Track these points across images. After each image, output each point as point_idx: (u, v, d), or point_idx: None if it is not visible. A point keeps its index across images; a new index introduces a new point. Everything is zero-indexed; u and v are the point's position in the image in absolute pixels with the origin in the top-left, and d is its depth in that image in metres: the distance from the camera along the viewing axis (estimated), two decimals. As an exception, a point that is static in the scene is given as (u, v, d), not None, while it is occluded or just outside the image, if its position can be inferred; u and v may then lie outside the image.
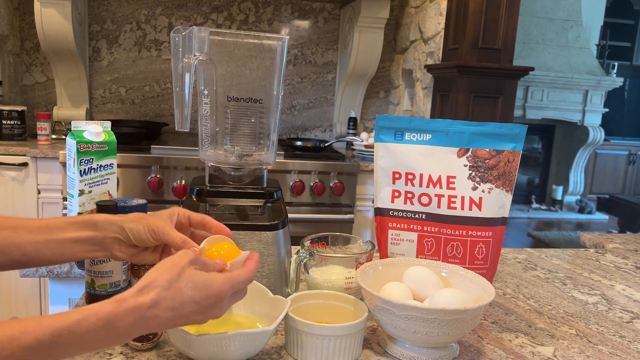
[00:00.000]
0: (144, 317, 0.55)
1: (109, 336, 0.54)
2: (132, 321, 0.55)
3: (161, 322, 0.57)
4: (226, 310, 0.62)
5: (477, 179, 0.87)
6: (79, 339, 0.53)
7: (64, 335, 0.52)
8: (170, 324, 0.58)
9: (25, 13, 2.76)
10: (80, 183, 0.87)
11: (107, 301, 0.55)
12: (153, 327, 0.57)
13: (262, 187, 0.92)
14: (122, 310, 0.55)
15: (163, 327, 0.58)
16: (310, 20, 3.03)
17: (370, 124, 3.18)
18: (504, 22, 2.22)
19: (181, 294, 0.58)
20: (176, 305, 0.57)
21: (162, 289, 0.57)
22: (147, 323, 0.56)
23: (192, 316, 0.59)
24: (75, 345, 0.53)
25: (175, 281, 0.58)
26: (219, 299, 0.60)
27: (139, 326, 0.56)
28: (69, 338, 0.52)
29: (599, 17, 6.77)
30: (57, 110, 2.75)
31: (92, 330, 0.53)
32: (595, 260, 1.28)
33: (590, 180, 7.04)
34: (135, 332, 0.56)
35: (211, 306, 0.60)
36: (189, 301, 0.58)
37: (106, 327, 0.54)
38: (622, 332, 0.87)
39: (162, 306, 0.56)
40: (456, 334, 0.69)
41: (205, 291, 0.59)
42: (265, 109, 0.90)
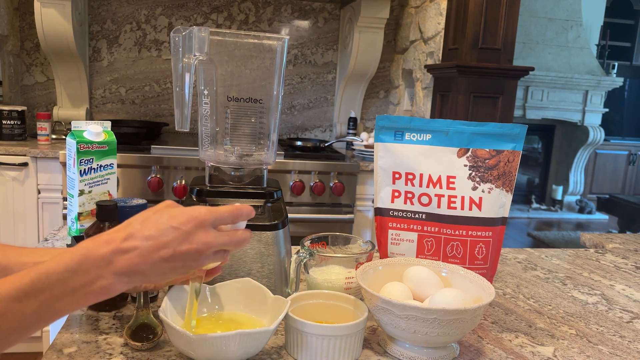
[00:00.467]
0: (120, 249, 0.53)
1: (90, 273, 0.52)
2: (109, 253, 0.52)
3: (143, 253, 0.53)
4: (215, 239, 0.57)
5: (477, 179, 0.87)
6: (58, 278, 0.51)
7: (41, 278, 0.50)
8: (156, 256, 0.54)
9: (25, 13, 2.76)
10: (80, 183, 0.87)
11: (82, 241, 0.54)
12: (137, 261, 0.53)
13: (262, 187, 0.92)
14: (96, 242, 0.53)
15: (147, 258, 0.54)
16: (310, 20, 3.03)
17: (370, 124, 3.18)
18: (504, 22, 2.22)
19: (157, 223, 0.55)
20: (153, 233, 0.54)
21: (137, 223, 0.55)
22: (127, 256, 0.53)
23: (175, 244, 0.54)
24: (58, 288, 0.50)
25: (150, 217, 0.56)
26: (200, 222, 0.56)
27: (120, 260, 0.53)
28: (48, 280, 0.50)
29: (599, 17, 6.77)
30: (57, 110, 2.75)
31: (70, 267, 0.51)
32: (595, 260, 1.28)
33: (590, 180, 7.04)
34: (118, 268, 0.53)
35: (193, 230, 0.55)
36: (166, 228, 0.54)
37: (83, 261, 0.51)
38: (622, 332, 0.87)
39: (139, 236, 0.54)
40: (456, 334, 0.70)
41: (183, 216, 0.56)
42: (265, 109, 0.90)
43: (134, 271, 0.54)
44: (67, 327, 0.77)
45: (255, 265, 0.85)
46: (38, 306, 0.50)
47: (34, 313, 0.50)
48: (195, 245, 0.56)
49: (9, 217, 2.26)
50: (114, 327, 0.77)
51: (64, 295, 0.51)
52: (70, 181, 0.89)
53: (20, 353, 2.34)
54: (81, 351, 0.70)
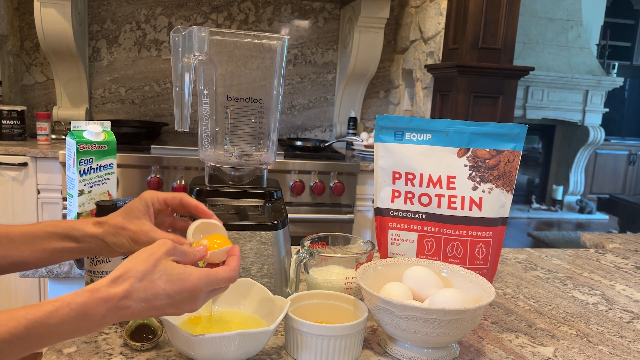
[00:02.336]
0: (116, 307, 0.56)
1: (83, 326, 0.55)
2: (105, 310, 0.55)
3: (134, 313, 0.57)
4: (202, 305, 0.62)
5: (477, 179, 0.87)
6: (52, 330, 0.53)
7: (36, 327, 0.52)
8: (143, 315, 0.58)
9: (25, 13, 2.76)
10: (79, 183, 0.87)
11: (79, 291, 0.56)
12: (126, 317, 0.57)
13: (262, 187, 0.92)
14: (95, 300, 0.55)
15: (136, 317, 0.58)
16: (310, 20, 3.03)
17: (370, 124, 3.18)
18: (504, 22, 2.22)
19: (154, 287, 0.58)
20: (149, 297, 0.57)
21: (136, 280, 0.57)
22: (119, 312, 0.56)
23: (165, 309, 0.59)
24: (49, 336, 0.53)
25: (149, 272, 0.58)
26: (193, 294, 0.60)
27: (112, 315, 0.56)
28: (42, 330, 0.53)
29: (599, 17, 6.77)
30: (57, 110, 2.75)
31: (66, 320, 0.54)
32: (596, 260, 1.28)
33: (590, 180, 7.04)
34: (109, 320, 0.56)
35: (184, 301, 0.60)
36: (162, 294, 0.58)
37: (79, 317, 0.54)
38: (623, 332, 0.87)
39: (135, 297, 0.57)
40: (456, 334, 0.69)
41: (178, 285, 0.59)
42: (265, 109, 0.90)
43: (120, 321, 0.60)
44: (67, 327, 0.77)
45: (255, 265, 0.85)
46: (26, 347, 0.53)
47: (21, 351, 0.53)
48: (181, 311, 0.61)
49: (8, 217, 2.26)
50: (114, 327, 0.77)
51: (51, 339, 0.54)
52: (70, 181, 0.89)
53: (20, 353, 2.34)
54: (81, 351, 0.70)
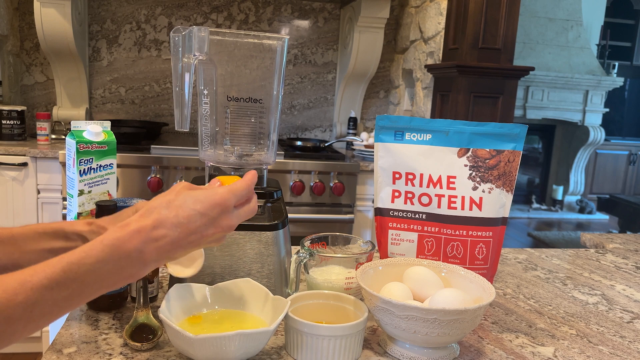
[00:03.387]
0: (150, 238, 0.54)
1: (121, 262, 0.53)
2: (140, 243, 0.54)
3: (173, 240, 0.55)
4: (237, 221, 0.61)
5: (478, 179, 0.87)
6: (89, 269, 0.52)
7: (73, 268, 0.51)
8: (185, 242, 0.56)
9: (25, 13, 2.76)
10: (79, 183, 0.87)
11: (111, 229, 0.55)
12: (167, 248, 0.55)
13: (262, 187, 0.92)
14: (126, 233, 0.54)
15: (177, 245, 0.56)
16: (310, 20, 3.03)
17: (370, 124, 3.18)
18: (504, 22, 2.22)
19: (184, 209, 0.56)
20: (182, 221, 0.56)
21: (163, 209, 0.56)
22: (156, 244, 0.54)
23: (203, 230, 0.57)
24: (89, 277, 0.52)
25: (174, 200, 0.57)
26: (225, 208, 0.59)
27: (150, 248, 0.54)
28: (80, 270, 0.51)
29: (599, 17, 6.77)
30: (57, 110, 2.75)
31: (102, 258, 0.52)
32: (596, 260, 1.28)
33: (590, 180, 7.04)
34: (148, 255, 0.54)
35: (219, 216, 0.58)
36: (194, 214, 0.57)
37: (114, 253, 0.53)
38: (623, 333, 0.87)
39: (167, 224, 0.55)
40: (456, 334, 0.69)
41: (208, 201, 0.58)
42: (265, 109, 0.90)
43: (163, 257, 0.56)
44: (67, 327, 0.77)
45: (255, 266, 0.85)
46: (69, 294, 0.51)
47: (65, 299, 0.51)
48: (221, 229, 0.59)
49: (8, 217, 2.26)
50: (114, 327, 0.77)
51: (94, 283, 0.52)
52: (70, 181, 0.89)
53: (20, 353, 2.34)
54: (81, 351, 0.70)
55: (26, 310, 0.49)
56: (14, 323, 0.48)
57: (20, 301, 0.48)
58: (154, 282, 0.86)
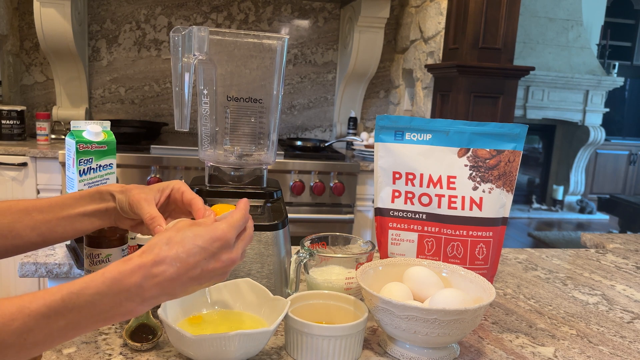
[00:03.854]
0: (150, 274, 0.54)
1: (120, 297, 0.53)
2: (140, 279, 0.53)
3: (172, 277, 0.55)
4: (239, 254, 0.60)
5: (478, 179, 0.87)
6: (88, 300, 0.51)
7: (72, 298, 0.51)
8: (185, 277, 0.56)
9: (25, 13, 2.76)
10: (79, 183, 0.87)
11: (113, 263, 0.55)
12: (166, 284, 0.55)
13: (262, 187, 0.92)
14: (128, 268, 0.53)
15: (177, 281, 0.55)
16: (310, 19, 3.03)
17: (370, 123, 3.18)
18: (504, 22, 2.22)
19: (184, 244, 0.56)
20: (181, 256, 0.55)
21: (163, 245, 0.56)
22: (155, 280, 0.54)
23: (203, 264, 0.57)
24: (87, 309, 0.51)
25: (174, 236, 0.57)
26: (225, 242, 0.58)
27: (149, 283, 0.54)
28: (79, 300, 0.51)
29: (599, 16, 6.77)
30: (57, 110, 2.75)
31: (101, 290, 0.52)
32: (596, 260, 1.28)
33: (590, 180, 7.04)
34: (147, 291, 0.54)
35: (219, 250, 0.58)
36: (194, 248, 0.56)
37: (114, 286, 0.52)
38: (623, 333, 0.87)
39: (167, 260, 0.55)
40: (456, 334, 0.69)
41: (208, 236, 0.57)
42: (265, 109, 0.90)
43: (162, 293, 0.55)
44: (66, 327, 0.76)
45: (255, 266, 0.85)
46: (65, 324, 0.51)
47: (60, 330, 0.51)
48: (222, 263, 0.58)
49: (8, 217, 2.26)
50: (114, 328, 0.77)
51: (91, 316, 0.52)
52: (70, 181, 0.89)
53: (20, 353, 2.34)
54: (80, 351, 0.70)
55: (20, 337, 0.48)
56: (7, 349, 0.48)
57: (16, 327, 0.48)
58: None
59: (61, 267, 1.02)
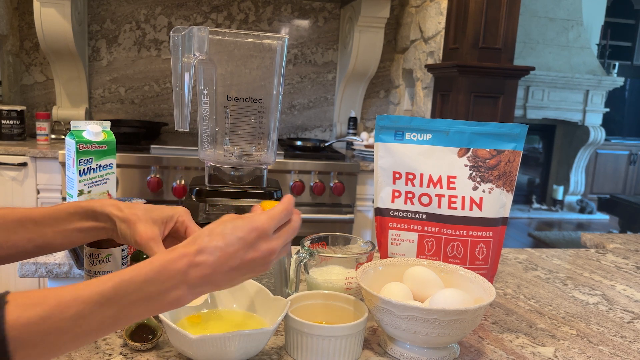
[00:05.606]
0: (194, 262, 0.56)
1: (167, 284, 0.55)
2: (184, 266, 0.55)
3: (212, 264, 0.56)
4: (280, 245, 0.61)
5: (478, 179, 0.87)
6: (138, 288, 0.53)
7: (123, 286, 0.53)
8: (225, 267, 0.57)
9: (25, 13, 2.76)
10: (79, 183, 0.87)
11: (160, 253, 0.57)
12: (208, 272, 0.56)
13: (262, 187, 0.92)
14: (173, 256, 0.56)
15: (218, 270, 0.57)
16: (310, 19, 3.03)
17: (370, 123, 3.18)
18: (505, 21, 2.22)
19: (224, 235, 0.58)
20: (220, 245, 0.57)
21: (205, 236, 0.58)
22: (198, 268, 0.56)
23: (242, 254, 0.58)
24: (136, 296, 0.53)
25: (216, 228, 0.59)
26: (262, 232, 0.59)
27: (194, 272, 0.56)
28: (129, 288, 0.53)
29: (599, 16, 6.77)
30: (57, 110, 2.75)
31: (149, 277, 0.54)
32: (596, 260, 1.28)
33: (590, 180, 7.04)
34: (193, 280, 0.56)
35: (257, 240, 0.59)
36: (233, 239, 0.58)
37: (161, 274, 0.54)
38: (623, 333, 0.87)
39: (208, 250, 0.57)
40: (457, 334, 0.69)
41: (246, 227, 0.59)
42: (265, 109, 0.90)
43: (206, 282, 0.57)
44: (66, 327, 0.76)
45: (255, 266, 0.85)
46: (117, 311, 0.53)
47: (112, 317, 0.53)
48: (261, 253, 0.60)
49: (8, 217, 2.26)
50: (113, 328, 0.77)
51: (141, 303, 0.54)
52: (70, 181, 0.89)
53: (20, 353, 2.34)
54: (80, 351, 0.70)
55: (76, 323, 0.50)
56: (63, 335, 0.50)
57: (71, 314, 0.50)
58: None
59: (61, 267, 1.02)
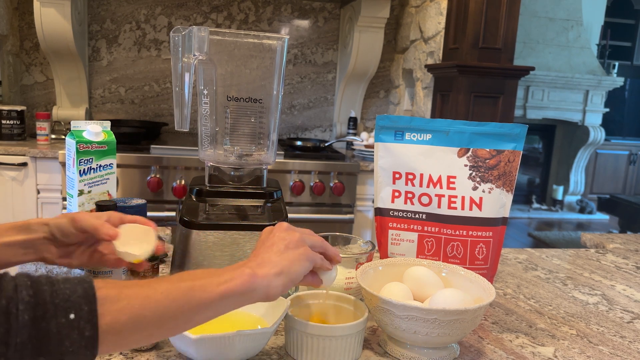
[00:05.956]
0: (259, 263, 0.62)
1: (248, 296, 0.60)
2: (255, 265, 0.61)
3: (269, 260, 0.62)
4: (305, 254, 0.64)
5: (478, 179, 0.87)
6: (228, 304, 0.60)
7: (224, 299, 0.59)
8: (276, 259, 0.62)
9: (25, 13, 2.76)
10: (79, 183, 0.87)
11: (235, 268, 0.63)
12: (270, 269, 0.61)
13: (262, 187, 0.92)
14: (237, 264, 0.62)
15: (275, 262, 0.62)
16: (310, 19, 3.03)
17: (370, 123, 3.18)
18: (505, 21, 2.22)
19: (271, 239, 0.66)
20: (267, 245, 0.65)
21: (260, 244, 0.67)
22: (263, 271, 0.61)
23: (283, 250, 0.63)
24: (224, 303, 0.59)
25: (265, 239, 0.67)
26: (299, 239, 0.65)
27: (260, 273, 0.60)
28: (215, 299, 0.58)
29: (599, 16, 6.76)
30: (57, 110, 2.75)
31: (221, 271, 0.60)
32: (596, 260, 1.28)
33: (590, 180, 7.04)
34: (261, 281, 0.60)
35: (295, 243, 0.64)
36: (278, 240, 0.65)
37: (242, 294, 0.60)
38: (623, 333, 0.87)
39: (261, 252, 0.64)
40: (456, 334, 0.69)
41: (289, 234, 0.66)
42: (265, 109, 0.90)
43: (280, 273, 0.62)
44: (66, 327, 0.76)
45: (255, 266, 0.85)
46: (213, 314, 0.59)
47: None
48: (295, 253, 0.64)
49: (8, 217, 2.26)
50: (113, 328, 0.77)
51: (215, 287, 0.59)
52: (70, 181, 0.89)
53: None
54: (80, 352, 0.70)
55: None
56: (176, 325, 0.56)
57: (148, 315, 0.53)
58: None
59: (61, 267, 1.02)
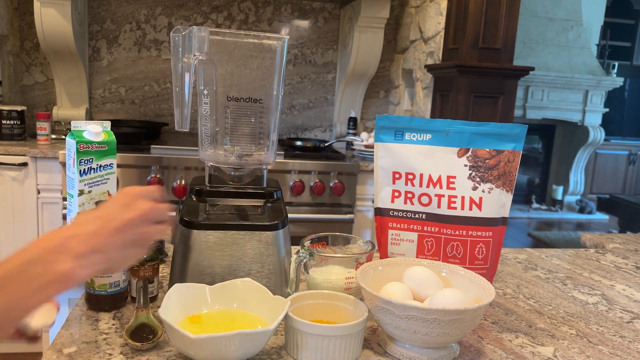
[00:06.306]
0: (74, 234, 0.58)
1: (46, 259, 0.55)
2: (63, 238, 0.57)
3: (95, 230, 0.59)
4: (153, 205, 0.64)
5: (477, 179, 0.87)
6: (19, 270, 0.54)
7: (6, 273, 0.54)
8: (106, 229, 0.59)
9: (25, 13, 2.76)
10: (79, 183, 0.87)
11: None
12: (91, 239, 0.58)
13: (262, 187, 0.92)
14: (51, 234, 0.58)
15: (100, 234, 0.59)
16: (310, 20, 3.03)
17: (370, 123, 3.18)
18: (504, 22, 2.22)
19: (102, 206, 0.63)
20: (99, 213, 0.61)
21: (84, 212, 0.65)
22: (81, 237, 0.57)
23: (121, 214, 0.61)
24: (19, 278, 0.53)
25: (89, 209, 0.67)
26: (135, 195, 0.64)
27: (75, 242, 0.57)
28: (10, 273, 0.54)
29: (599, 17, 6.76)
30: (57, 110, 2.75)
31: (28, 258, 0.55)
32: (596, 260, 1.28)
33: (590, 180, 7.04)
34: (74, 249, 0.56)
35: (132, 201, 0.63)
36: (110, 205, 0.63)
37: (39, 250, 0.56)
38: (623, 332, 0.87)
39: (89, 219, 0.61)
40: (456, 334, 0.69)
41: (120, 194, 0.65)
42: (265, 109, 0.90)
43: (92, 250, 0.58)
44: (67, 327, 0.77)
45: (255, 266, 0.85)
46: (5, 299, 0.52)
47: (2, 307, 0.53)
48: (138, 212, 0.62)
49: (8, 217, 2.26)
50: (114, 327, 0.77)
51: (26, 285, 0.53)
52: (70, 181, 0.89)
53: (21, 353, 2.34)
54: (81, 351, 0.70)
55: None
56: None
57: None
58: (154, 282, 0.86)
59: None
